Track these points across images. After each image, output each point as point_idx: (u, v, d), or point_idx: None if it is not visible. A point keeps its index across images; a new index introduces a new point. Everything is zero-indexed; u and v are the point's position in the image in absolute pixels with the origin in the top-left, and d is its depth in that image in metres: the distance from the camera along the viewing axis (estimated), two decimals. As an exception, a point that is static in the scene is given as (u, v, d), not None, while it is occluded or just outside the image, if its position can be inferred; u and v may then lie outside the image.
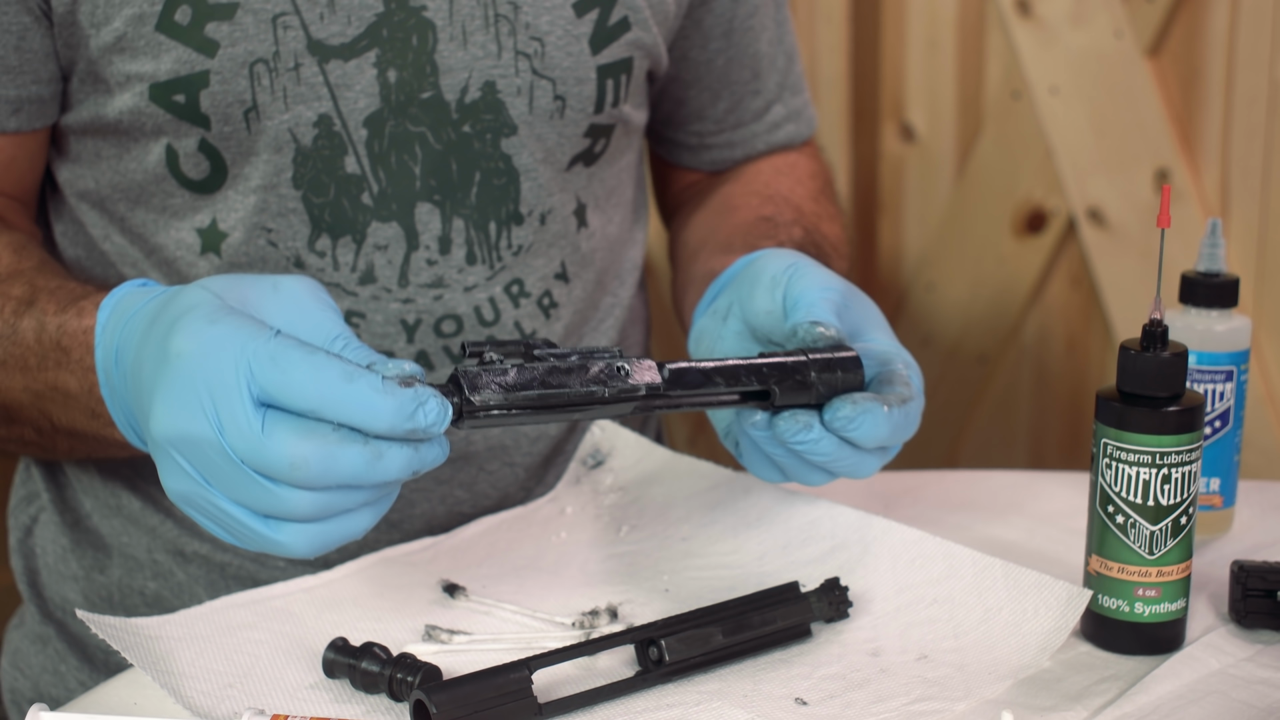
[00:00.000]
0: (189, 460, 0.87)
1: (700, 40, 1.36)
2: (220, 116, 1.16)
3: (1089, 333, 1.87)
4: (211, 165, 1.18)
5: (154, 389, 0.88)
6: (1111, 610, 1.03)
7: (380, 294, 1.22)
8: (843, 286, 1.08)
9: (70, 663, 1.30)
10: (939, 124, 1.92)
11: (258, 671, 0.99)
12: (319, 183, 1.19)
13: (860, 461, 1.03)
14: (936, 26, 1.89)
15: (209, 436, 0.86)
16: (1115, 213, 1.78)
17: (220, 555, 1.27)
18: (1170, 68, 1.72)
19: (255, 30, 1.14)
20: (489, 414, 0.91)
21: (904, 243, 1.97)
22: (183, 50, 1.14)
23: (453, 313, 1.24)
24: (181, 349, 0.87)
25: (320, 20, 1.15)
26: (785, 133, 1.43)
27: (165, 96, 1.15)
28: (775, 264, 1.08)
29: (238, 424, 0.85)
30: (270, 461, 0.85)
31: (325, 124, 1.18)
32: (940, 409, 1.96)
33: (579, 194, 1.28)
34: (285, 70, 1.16)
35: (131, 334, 0.95)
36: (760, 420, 1.03)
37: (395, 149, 1.19)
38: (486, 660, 1.00)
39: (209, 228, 1.20)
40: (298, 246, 1.20)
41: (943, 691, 0.97)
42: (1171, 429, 1.00)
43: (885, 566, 1.10)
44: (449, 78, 1.19)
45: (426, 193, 1.21)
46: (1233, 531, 1.20)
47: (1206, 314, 1.17)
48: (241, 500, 0.87)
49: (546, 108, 1.23)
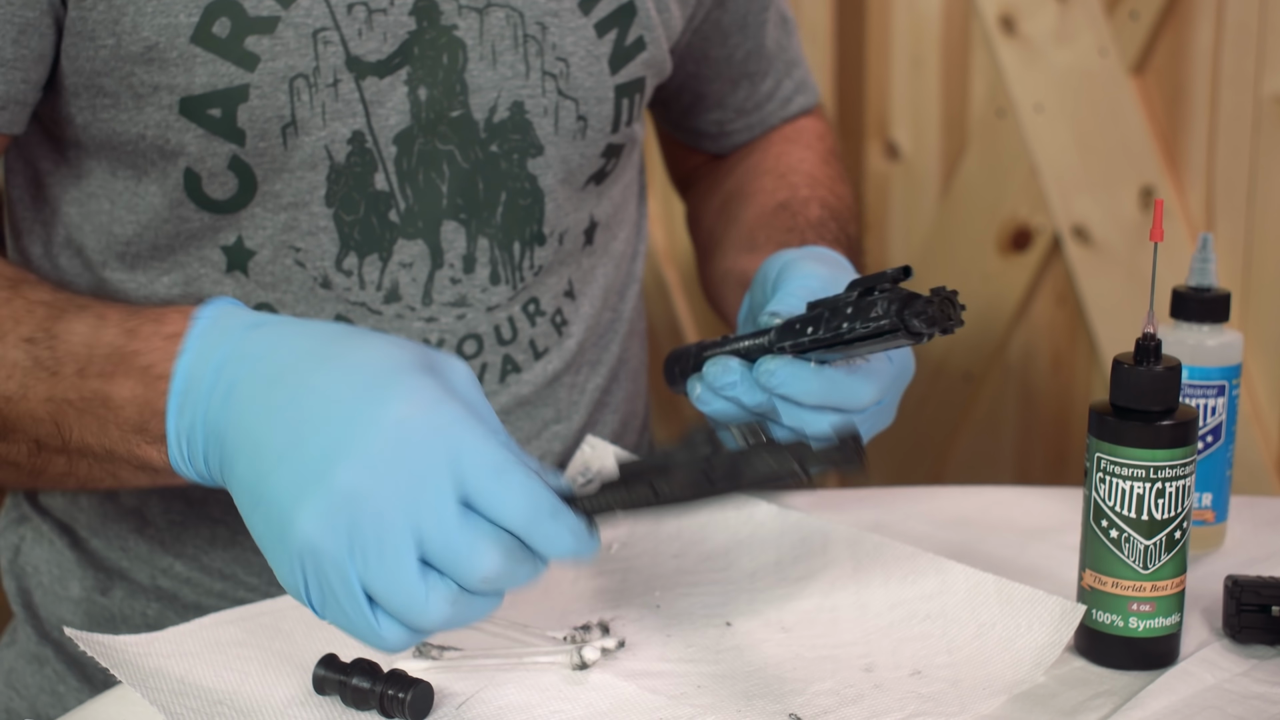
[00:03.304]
0: (350, 530, 0.85)
1: (720, 38, 1.37)
2: (257, 132, 1.14)
3: (1074, 350, 1.87)
4: (240, 183, 1.16)
5: (343, 441, 0.85)
6: (1105, 625, 1.02)
7: (404, 312, 1.21)
8: (825, 274, 1.10)
9: (69, 683, 1.28)
10: (924, 142, 1.92)
11: (247, 688, 0.98)
12: (350, 200, 1.18)
13: (806, 418, 1.03)
14: (921, 44, 1.89)
15: (402, 520, 0.84)
16: (1100, 230, 1.78)
17: (236, 592, 1.26)
18: (1155, 85, 1.73)
19: (296, 45, 1.13)
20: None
21: (889, 260, 1.97)
22: (220, 64, 1.11)
23: (474, 332, 1.23)
24: (404, 416, 0.85)
25: (359, 36, 1.14)
26: (796, 105, 1.46)
27: (199, 110, 1.12)
28: (773, 265, 1.13)
29: (440, 516, 0.85)
30: (462, 568, 0.85)
31: (358, 141, 1.16)
32: (926, 427, 1.96)
33: (592, 213, 1.28)
34: (325, 86, 1.14)
35: (259, 356, 0.91)
36: (702, 390, 1.05)
37: (423, 167, 1.19)
38: (477, 676, 0.99)
39: (235, 245, 1.18)
40: (325, 266, 1.19)
41: (937, 707, 0.97)
42: (1165, 443, 1.00)
43: (878, 582, 1.09)
44: (478, 97, 1.19)
45: (453, 211, 1.20)
46: (1225, 547, 1.20)
47: (1198, 329, 1.17)
48: (376, 589, 0.86)
49: (570, 128, 1.22)
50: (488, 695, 0.98)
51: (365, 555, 0.85)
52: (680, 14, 1.29)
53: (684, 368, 1.12)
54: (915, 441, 1.98)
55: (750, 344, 1.06)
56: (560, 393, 1.29)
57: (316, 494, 0.85)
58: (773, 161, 1.40)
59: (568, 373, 1.30)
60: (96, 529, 1.28)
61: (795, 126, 1.45)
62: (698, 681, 1.00)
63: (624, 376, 1.38)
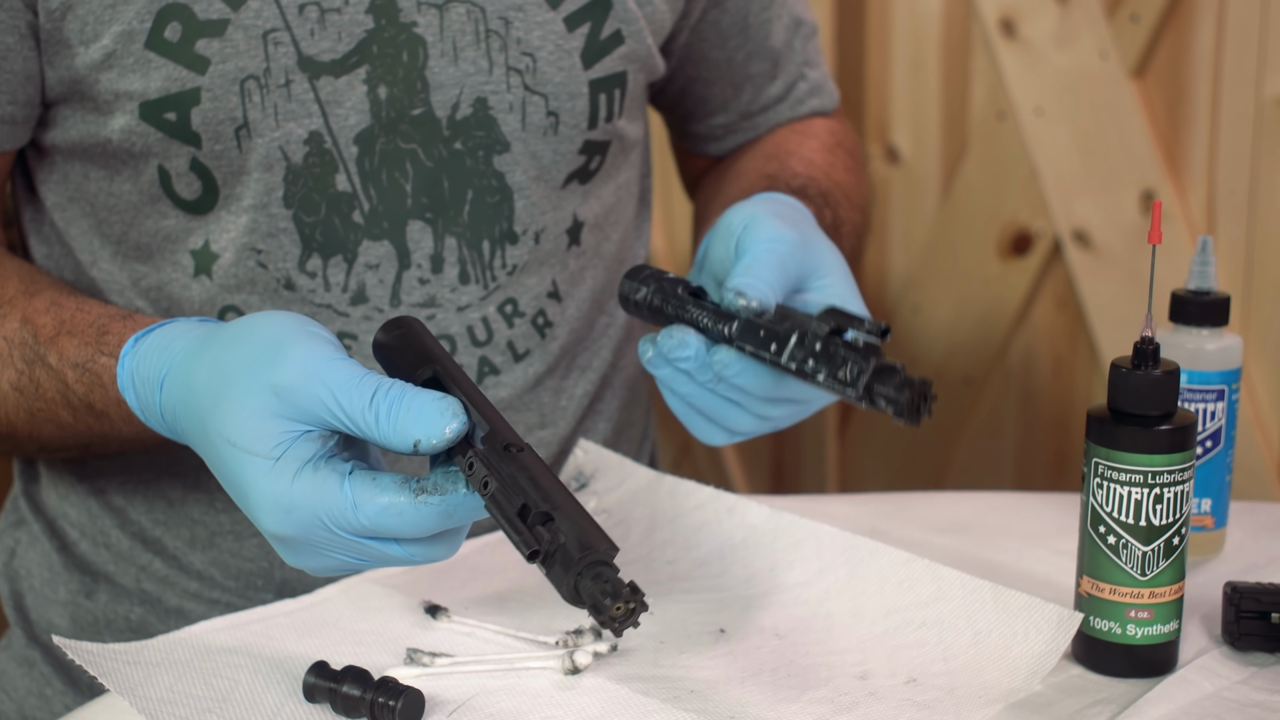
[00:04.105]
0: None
1: (718, 40, 1.36)
2: (211, 135, 1.15)
3: (1075, 354, 1.86)
4: (203, 185, 1.17)
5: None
6: (1103, 632, 1.01)
7: (372, 314, 1.21)
8: (795, 237, 1.04)
9: (56, 686, 1.28)
10: (924, 146, 1.91)
11: (237, 696, 0.97)
12: (310, 201, 1.18)
13: (757, 403, 1.02)
14: (921, 48, 1.88)
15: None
16: (1101, 234, 1.77)
17: (210, 593, 1.26)
18: (1156, 88, 1.72)
19: (246, 46, 1.13)
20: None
21: (889, 265, 1.96)
22: (173, 68, 1.13)
23: (445, 333, 1.23)
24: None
25: (311, 36, 1.14)
26: (808, 107, 1.43)
27: (156, 115, 1.14)
28: (737, 215, 1.06)
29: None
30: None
31: (316, 141, 1.16)
32: (926, 432, 1.95)
33: (576, 212, 1.27)
34: (276, 87, 1.14)
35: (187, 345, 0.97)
36: (654, 353, 1.02)
37: (386, 166, 1.18)
38: (469, 683, 0.98)
39: (202, 249, 1.19)
40: (288, 267, 1.19)
41: (932, 715, 0.96)
42: (1164, 448, 0.99)
43: (873, 589, 1.08)
44: (440, 94, 1.18)
45: (418, 210, 1.20)
46: (1224, 553, 1.19)
47: (1197, 333, 1.16)
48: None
49: (540, 124, 1.21)
50: (479, 702, 0.97)
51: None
52: (668, 8, 1.27)
53: (640, 295, 1.07)
54: (916, 446, 1.97)
55: (710, 324, 1.02)
56: (544, 397, 1.28)
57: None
58: (772, 147, 1.38)
59: (551, 377, 1.29)
60: (84, 527, 1.28)
61: (805, 122, 1.43)
62: (691, 686, 0.99)
63: (618, 384, 1.36)
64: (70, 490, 1.29)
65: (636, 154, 1.34)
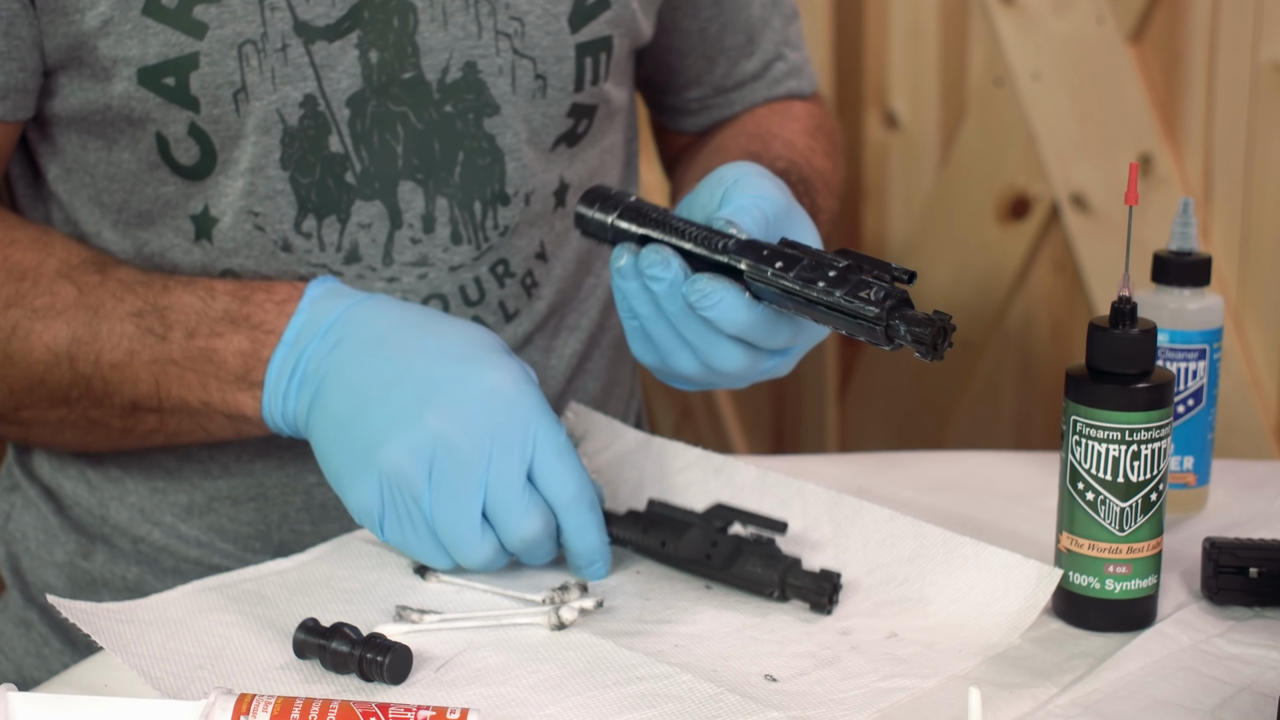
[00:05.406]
0: (432, 464, 1.02)
1: (691, 10, 1.37)
2: (210, 99, 1.16)
3: (1073, 318, 1.86)
4: (201, 150, 1.18)
5: (437, 392, 1.03)
6: (1082, 587, 1.03)
7: (365, 273, 1.22)
8: (783, 202, 1.06)
9: (53, 646, 1.30)
10: (922, 111, 1.92)
11: (228, 653, 0.99)
12: (305, 163, 1.19)
13: (716, 345, 1.03)
14: (919, 13, 1.89)
15: (478, 469, 1.02)
16: (1098, 198, 1.78)
17: (210, 558, 1.27)
18: (1152, 53, 1.72)
19: (243, 11, 1.15)
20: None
21: (888, 230, 1.97)
22: (171, 33, 1.14)
23: (438, 292, 1.24)
24: (495, 384, 1.04)
25: (306, 2, 1.16)
26: (785, 88, 1.44)
27: (155, 80, 1.15)
28: (729, 172, 1.07)
29: (509, 476, 1.02)
30: (511, 527, 1.03)
31: (310, 104, 1.18)
32: (925, 396, 1.96)
33: (562, 174, 1.28)
34: (273, 51, 1.16)
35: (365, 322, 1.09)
36: (627, 263, 1.03)
37: (377, 128, 1.20)
38: (456, 639, 1.00)
39: (202, 213, 1.21)
40: (285, 229, 1.21)
41: (911, 669, 0.98)
42: (1141, 405, 1.00)
43: (856, 546, 1.10)
44: (430, 58, 1.19)
45: (409, 171, 1.21)
46: (1207, 510, 1.20)
47: (1179, 293, 1.17)
48: (440, 519, 1.03)
49: (529, 87, 1.23)
50: (466, 658, 0.98)
51: (439, 487, 1.02)
52: None
53: (607, 209, 1.07)
54: (915, 410, 1.98)
55: (696, 246, 1.01)
56: (534, 355, 1.30)
57: (409, 429, 1.02)
58: (754, 125, 1.39)
59: (540, 335, 1.30)
60: (81, 498, 1.29)
61: (782, 104, 1.43)
62: (675, 641, 1.00)
63: (605, 343, 1.38)
64: (68, 463, 1.30)
65: (621, 118, 1.35)
